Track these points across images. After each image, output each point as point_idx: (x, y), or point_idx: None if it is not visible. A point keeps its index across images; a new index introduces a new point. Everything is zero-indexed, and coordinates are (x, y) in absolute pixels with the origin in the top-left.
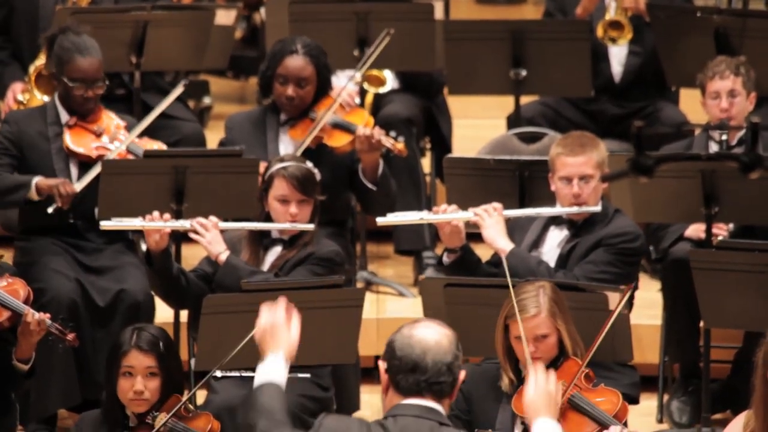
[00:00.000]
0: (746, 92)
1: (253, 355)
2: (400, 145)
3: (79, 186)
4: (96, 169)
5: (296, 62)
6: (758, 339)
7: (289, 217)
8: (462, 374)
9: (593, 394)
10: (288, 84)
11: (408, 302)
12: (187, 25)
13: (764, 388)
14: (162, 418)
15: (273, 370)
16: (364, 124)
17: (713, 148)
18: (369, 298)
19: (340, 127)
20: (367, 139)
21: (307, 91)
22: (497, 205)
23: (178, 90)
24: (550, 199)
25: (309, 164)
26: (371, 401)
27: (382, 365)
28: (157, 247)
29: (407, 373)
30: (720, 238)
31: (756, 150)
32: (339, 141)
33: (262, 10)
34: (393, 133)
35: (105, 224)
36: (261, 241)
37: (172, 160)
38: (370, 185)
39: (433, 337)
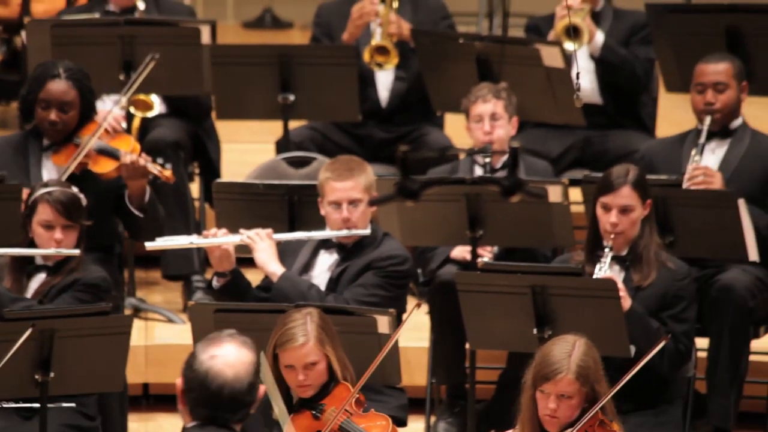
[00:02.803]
0: (508, 116)
1: (12, 386)
2: (167, 173)
3: None
4: None
5: (58, 86)
6: (522, 359)
7: (53, 242)
8: (262, 389)
9: (364, 420)
10: (50, 109)
11: (177, 328)
12: None
13: (532, 407)
14: None
15: None
16: (130, 150)
17: (478, 171)
18: (137, 324)
19: (105, 153)
20: (132, 165)
21: (70, 116)
22: (268, 231)
23: None
24: (320, 223)
25: (74, 189)
26: (138, 429)
27: (179, 382)
28: None
29: (203, 405)
30: (484, 260)
31: (516, 174)
32: (104, 167)
33: (23, 33)
34: (160, 160)
35: None
36: (24, 267)
37: None
38: (136, 212)
39: (231, 368)
